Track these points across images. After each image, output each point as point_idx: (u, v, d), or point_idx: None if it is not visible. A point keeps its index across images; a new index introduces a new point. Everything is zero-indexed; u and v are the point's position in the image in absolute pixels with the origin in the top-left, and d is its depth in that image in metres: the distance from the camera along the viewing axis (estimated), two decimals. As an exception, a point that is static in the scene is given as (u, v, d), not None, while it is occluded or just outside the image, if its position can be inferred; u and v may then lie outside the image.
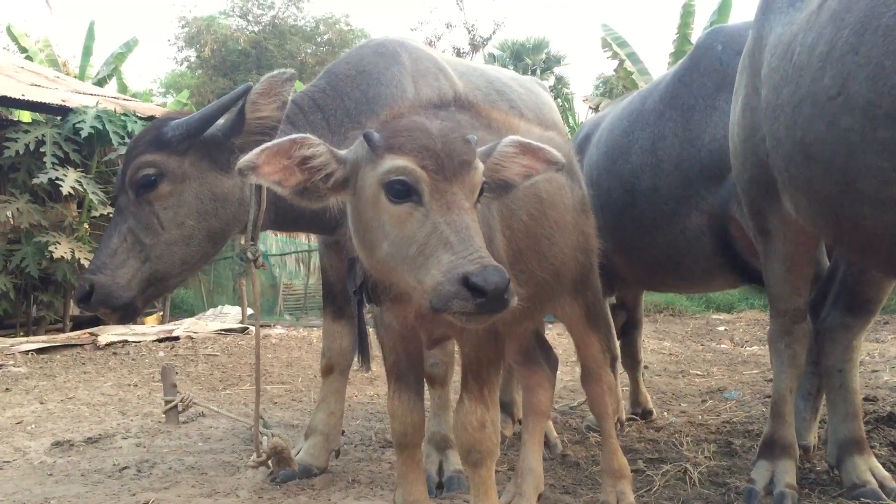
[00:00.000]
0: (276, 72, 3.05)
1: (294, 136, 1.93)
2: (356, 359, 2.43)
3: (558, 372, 3.38)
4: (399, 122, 1.99)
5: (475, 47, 25.73)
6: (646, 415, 4.85)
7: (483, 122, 2.50)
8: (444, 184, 1.81)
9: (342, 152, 2.00)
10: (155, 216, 2.95)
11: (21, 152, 9.06)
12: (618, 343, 4.89)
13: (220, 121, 3.05)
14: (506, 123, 2.60)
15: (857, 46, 2.22)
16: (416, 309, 2.11)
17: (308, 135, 1.95)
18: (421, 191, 1.81)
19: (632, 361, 5.06)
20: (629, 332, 5.18)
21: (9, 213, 8.98)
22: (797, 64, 2.53)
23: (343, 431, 3.90)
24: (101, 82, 18.30)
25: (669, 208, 3.82)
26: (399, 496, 2.52)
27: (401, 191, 1.83)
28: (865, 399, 4.61)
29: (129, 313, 2.99)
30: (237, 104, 3.03)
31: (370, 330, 2.45)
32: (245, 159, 1.87)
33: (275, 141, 1.92)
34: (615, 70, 18.96)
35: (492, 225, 2.24)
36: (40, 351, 8.28)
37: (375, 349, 2.51)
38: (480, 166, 1.92)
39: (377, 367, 2.61)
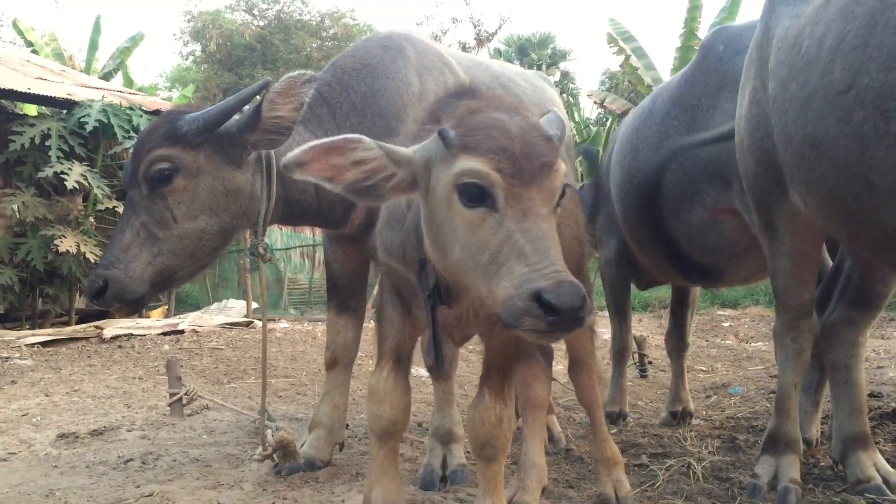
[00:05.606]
0: (296, 72, 3.01)
1: (348, 136, 1.88)
2: (432, 363, 2.37)
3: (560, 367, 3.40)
4: (476, 119, 1.86)
5: (481, 42, 25.68)
6: (685, 416, 4.45)
7: None
8: (521, 189, 1.71)
9: (406, 151, 1.91)
10: (169, 210, 2.92)
11: (26, 146, 9.10)
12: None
13: (235, 116, 3.02)
14: None
15: (868, 39, 2.20)
16: (475, 309, 2.04)
17: (362, 136, 1.88)
18: (495, 196, 1.71)
19: (679, 345, 4.76)
20: (678, 311, 4.86)
21: (14, 207, 9.02)
22: (805, 57, 2.50)
23: (347, 425, 3.90)
24: (106, 76, 18.38)
25: (673, 205, 3.87)
26: (378, 495, 2.35)
27: (474, 194, 1.73)
28: (870, 395, 4.60)
29: (137, 306, 3.01)
30: (254, 100, 3.01)
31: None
32: (293, 156, 1.82)
33: (327, 139, 1.87)
34: (621, 65, 18.91)
35: None
36: (46, 344, 8.33)
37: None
38: (562, 168, 1.80)
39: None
